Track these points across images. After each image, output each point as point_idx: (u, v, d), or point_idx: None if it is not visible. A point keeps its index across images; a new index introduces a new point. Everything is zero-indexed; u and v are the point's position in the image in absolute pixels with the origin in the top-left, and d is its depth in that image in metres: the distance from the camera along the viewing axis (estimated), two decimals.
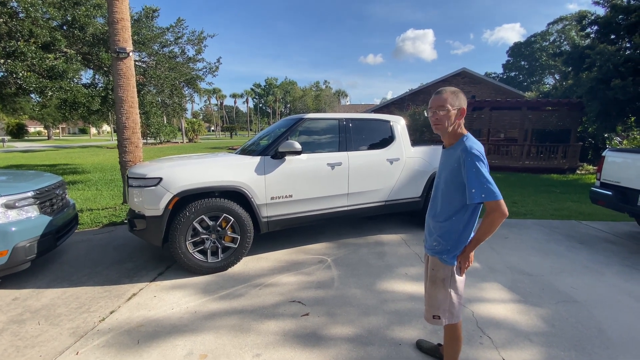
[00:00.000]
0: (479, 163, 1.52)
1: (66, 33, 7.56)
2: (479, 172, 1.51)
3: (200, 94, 11.70)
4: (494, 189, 1.49)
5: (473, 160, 1.52)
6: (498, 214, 1.50)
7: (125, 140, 5.36)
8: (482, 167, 1.52)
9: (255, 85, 76.84)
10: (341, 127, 4.12)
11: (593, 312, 2.68)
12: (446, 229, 1.67)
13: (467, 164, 1.53)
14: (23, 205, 2.95)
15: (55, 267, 3.50)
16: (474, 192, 1.51)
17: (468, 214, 1.64)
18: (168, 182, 3.17)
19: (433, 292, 1.75)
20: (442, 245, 1.70)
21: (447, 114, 1.61)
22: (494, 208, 1.50)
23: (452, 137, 1.67)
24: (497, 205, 1.49)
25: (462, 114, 1.63)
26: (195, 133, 38.50)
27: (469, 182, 1.52)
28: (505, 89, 19.20)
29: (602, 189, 4.50)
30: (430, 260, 1.81)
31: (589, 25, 12.35)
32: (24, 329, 2.42)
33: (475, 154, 1.53)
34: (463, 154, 1.56)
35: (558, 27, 35.37)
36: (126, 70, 5.21)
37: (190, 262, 3.24)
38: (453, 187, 1.62)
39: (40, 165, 13.02)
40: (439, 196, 1.71)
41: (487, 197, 1.49)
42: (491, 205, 1.51)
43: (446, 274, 1.71)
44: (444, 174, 1.69)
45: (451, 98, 1.61)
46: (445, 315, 1.73)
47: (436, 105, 1.63)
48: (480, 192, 1.50)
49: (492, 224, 1.53)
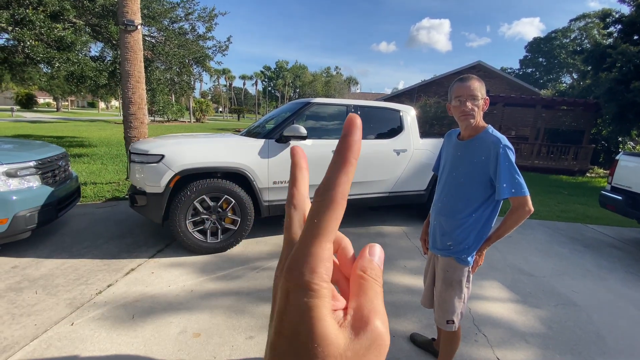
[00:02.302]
0: (512, 154, 1.45)
1: (75, 3, 7.44)
2: (512, 166, 1.44)
3: (210, 73, 11.56)
4: (523, 183, 1.44)
5: (507, 154, 1.45)
6: (526, 210, 1.45)
7: (131, 115, 5.31)
8: (513, 159, 1.46)
9: (266, 67, 75.93)
10: (349, 113, 4.02)
11: (592, 317, 2.63)
12: (466, 227, 1.57)
13: (500, 158, 1.45)
14: (24, 174, 2.95)
15: (56, 239, 3.52)
16: (505, 186, 1.44)
17: (489, 209, 1.55)
18: (170, 160, 3.14)
19: (449, 296, 1.65)
20: (460, 245, 1.59)
21: (477, 103, 1.51)
22: (522, 204, 1.45)
23: (475, 129, 1.57)
24: (525, 201, 1.44)
25: (487, 104, 1.56)
26: (203, 113, 38.35)
27: (502, 176, 1.44)
28: (520, 85, 18.73)
29: (612, 193, 4.39)
30: (442, 262, 1.68)
31: (613, 24, 11.91)
32: (21, 297, 2.44)
33: (508, 145, 1.47)
34: (494, 147, 1.47)
35: (580, 24, 34.20)
36: (134, 44, 5.11)
37: (189, 241, 3.24)
38: (477, 181, 1.53)
39: (47, 136, 13.09)
40: (456, 192, 1.60)
41: (516, 192, 1.43)
42: (519, 200, 1.45)
43: (463, 274, 1.62)
44: (462, 168, 1.58)
45: (480, 87, 1.52)
46: (458, 317, 1.67)
47: (467, 95, 1.50)
48: (511, 187, 1.43)
49: (517, 221, 1.47)
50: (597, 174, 12.42)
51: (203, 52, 9.53)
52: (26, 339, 2.02)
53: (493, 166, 1.47)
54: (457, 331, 1.74)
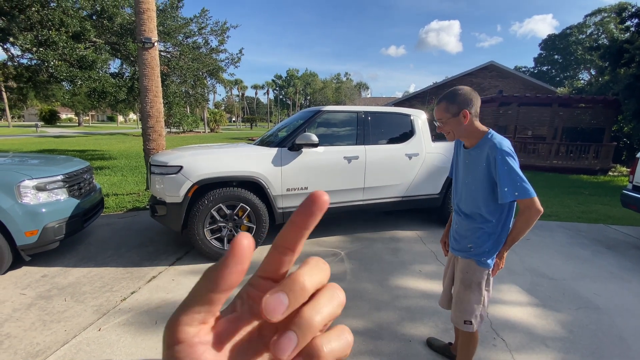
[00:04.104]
0: (510, 159, 1.47)
1: (95, 23, 7.82)
2: (512, 169, 1.46)
3: (223, 84, 11.87)
4: (527, 186, 1.45)
5: (504, 159, 1.47)
6: (533, 212, 1.47)
7: (149, 128, 5.51)
8: (513, 163, 1.46)
9: (277, 76, 77.06)
10: (359, 120, 4.08)
11: (615, 320, 2.56)
12: (485, 230, 1.60)
13: (498, 163, 1.48)
14: (53, 188, 3.11)
15: (82, 248, 3.69)
16: (507, 190, 1.46)
17: (505, 213, 1.58)
18: (188, 171, 3.25)
19: (467, 296, 1.68)
20: (480, 248, 1.62)
21: (448, 124, 1.58)
22: (528, 206, 1.46)
23: (473, 138, 1.60)
24: (532, 202, 1.45)
25: (466, 116, 1.54)
26: (217, 123, 39.19)
27: (502, 180, 1.47)
28: (536, 84, 18.36)
29: (634, 192, 4.26)
30: (461, 264, 1.71)
31: (629, 18, 11.58)
32: (51, 304, 2.58)
33: (506, 150, 1.48)
34: (492, 153, 1.50)
35: (596, 20, 33.33)
36: (151, 60, 5.33)
37: (207, 248, 3.34)
38: (486, 186, 1.57)
39: (71, 150, 13.65)
40: (471, 197, 1.63)
41: (520, 195, 1.45)
42: (525, 203, 1.46)
43: (483, 277, 1.65)
44: (471, 176, 1.62)
45: (446, 107, 1.56)
46: (477, 319, 1.69)
47: (437, 118, 1.62)
48: (513, 190, 1.45)
49: (527, 222, 1.49)
50: (619, 172, 11.99)
51: (216, 65, 9.82)
52: (57, 344, 2.13)
53: (494, 171, 1.51)
54: (474, 334, 1.74)
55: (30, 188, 2.95)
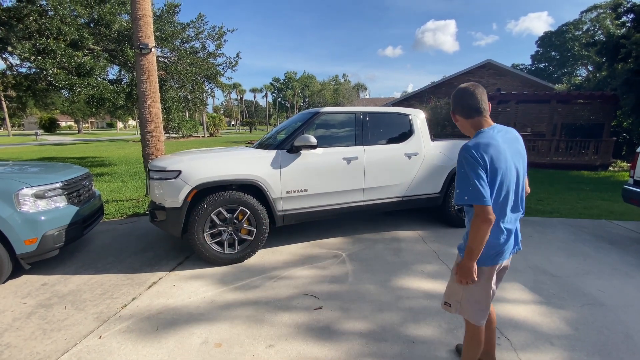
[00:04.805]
0: (466, 163, 1.48)
1: (93, 30, 7.84)
2: (464, 173, 1.48)
3: (221, 88, 11.88)
4: (474, 191, 1.44)
5: (460, 160, 1.50)
6: (480, 220, 1.45)
7: (148, 134, 5.51)
8: (468, 167, 1.46)
9: (275, 79, 77.17)
10: (358, 120, 4.07)
11: (621, 317, 2.54)
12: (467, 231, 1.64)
13: (457, 164, 1.54)
14: (52, 195, 3.10)
15: (82, 255, 3.67)
16: (458, 192, 1.50)
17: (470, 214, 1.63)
18: (187, 175, 3.24)
19: (450, 280, 1.77)
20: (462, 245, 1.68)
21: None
22: (477, 213, 1.46)
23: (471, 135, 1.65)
24: (480, 210, 1.44)
25: (455, 118, 1.65)
26: (216, 127, 39.24)
27: (456, 181, 1.55)
28: (533, 81, 18.36)
29: (635, 187, 4.24)
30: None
31: (625, 14, 11.59)
32: (51, 312, 2.56)
33: (464, 153, 1.49)
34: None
35: (592, 16, 33.39)
36: (149, 66, 5.34)
37: (207, 253, 3.32)
38: None
39: (70, 157, 13.66)
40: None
41: (470, 200, 1.46)
42: (475, 209, 1.47)
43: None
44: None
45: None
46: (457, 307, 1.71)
47: None
48: (463, 193, 1.48)
49: (475, 230, 1.47)
50: (620, 167, 11.96)
51: (214, 69, 9.83)
52: (57, 353, 2.11)
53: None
54: (475, 334, 1.72)
55: (29, 196, 2.94)
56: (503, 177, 1.49)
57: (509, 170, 1.51)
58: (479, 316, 1.67)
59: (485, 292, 1.64)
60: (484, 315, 1.67)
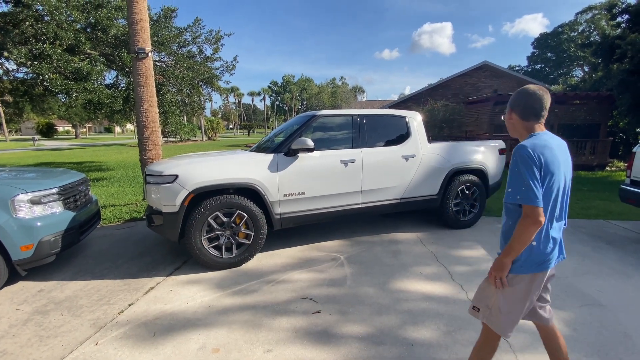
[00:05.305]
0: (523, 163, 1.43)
1: (89, 35, 7.84)
2: (519, 172, 1.44)
3: (219, 92, 11.89)
4: (530, 193, 1.40)
5: (516, 159, 1.46)
6: (530, 221, 1.41)
7: (145, 138, 5.50)
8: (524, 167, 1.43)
9: (272, 83, 77.30)
10: (355, 123, 4.07)
11: (619, 317, 2.54)
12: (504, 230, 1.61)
13: (511, 162, 1.48)
14: (48, 201, 3.09)
15: (79, 261, 3.65)
16: (510, 191, 1.46)
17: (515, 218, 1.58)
18: (184, 179, 3.23)
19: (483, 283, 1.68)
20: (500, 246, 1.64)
21: (506, 119, 1.65)
22: (526, 213, 1.42)
23: (519, 136, 1.63)
24: (530, 210, 1.40)
25: (511, 115, 1.61)
26: (214, 131, 39.25)
27: (508, 180, 1.50)
28: (530, 83, 18.46)
29: (632, 186, 4.26)
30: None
31: (620, 15, 11.68)
32: (48, 319, 2.54)
33: (521, 152, 1.45)
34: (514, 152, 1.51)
35: (587, 17, 33.60)
36: (145, 70, 5.34)
37: (205, 257, 3.31)
38: None
39: (68, 162, 13.62)
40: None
41: (522, 200, 1.42)
42: (525, 209, 1.42)
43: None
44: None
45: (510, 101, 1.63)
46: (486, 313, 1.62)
47: None
48: (516, 193, 1.44)
49: (522, 230, 1.43)
50: (617, 167, 12.01)
51: (211, 73, 9.83)
52: None
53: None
54: (491, 340, 1.65)
55: (25, 202, 2.93)
56: (554, 182, 1.45)
57: (560, 177, 1.48)
58: (506, 327, 1.57)
59: (520, 302, 1.55)
60: (512, 327, 1.58)
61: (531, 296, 1.55)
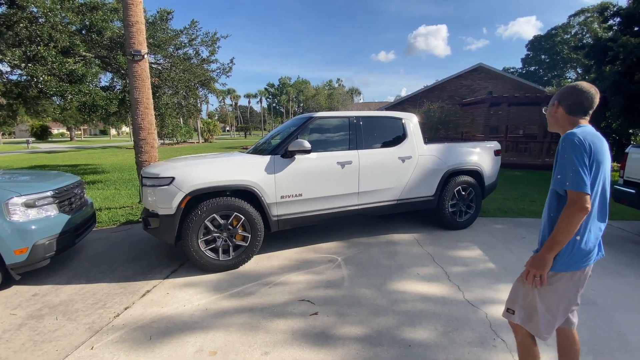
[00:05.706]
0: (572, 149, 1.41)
1: (85, 37, 7.80)
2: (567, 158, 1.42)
3: (216, 94, 11.86)
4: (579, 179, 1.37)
5: (565, 145, 1.43)
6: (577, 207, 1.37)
7: (141, 140, 5.48)
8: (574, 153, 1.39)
9: (269, 85, 77.32)
10: (351, 125, 4.09)
11: (613, 315, 2.56)
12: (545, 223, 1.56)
13: (559, 149, 1.46)
14: (42, 204, 3.06)
15: (74, 264, 3.62)
16: (559, 178, 1.42)
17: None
18: (180, 182, 3.22)
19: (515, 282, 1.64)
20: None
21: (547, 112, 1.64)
22: (573, 200, 1.39)
23: (560, 129, 1.60)
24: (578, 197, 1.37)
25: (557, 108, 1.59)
26: (211, 133, 39.11)
27: (557, 166, 1.47)
28: (524, 84, 18.62)
29: (625, 187, 4.31)
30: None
31: (612, 17, 11.82)
32: (42, 323, 2.51)
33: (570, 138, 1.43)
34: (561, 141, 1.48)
35: (580, 19, 34.06)
36: (141, 72, 5.32)
37: (202, 260, 3.29)
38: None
39: (63, 165, 13.50)
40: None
41: (570, 186, 1.38)
42: (571, 196, 1.39)
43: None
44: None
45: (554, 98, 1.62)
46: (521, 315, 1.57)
47: None
48: (565, 179, 1.41)
49: (568, 219, 1.39)
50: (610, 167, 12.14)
51: (208, 75, 9.81)
52: None
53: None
54: (530, 351, 1.59)
55: (19, 205, 2.90)
56: (600, 173, 1.42)
57: (606, 169, 1.45)
58: (546, 328, 1.49)
59: (559, 302, 1.48)
60: (552, 328, 1.50)
61: (570, 295, 1.50)
